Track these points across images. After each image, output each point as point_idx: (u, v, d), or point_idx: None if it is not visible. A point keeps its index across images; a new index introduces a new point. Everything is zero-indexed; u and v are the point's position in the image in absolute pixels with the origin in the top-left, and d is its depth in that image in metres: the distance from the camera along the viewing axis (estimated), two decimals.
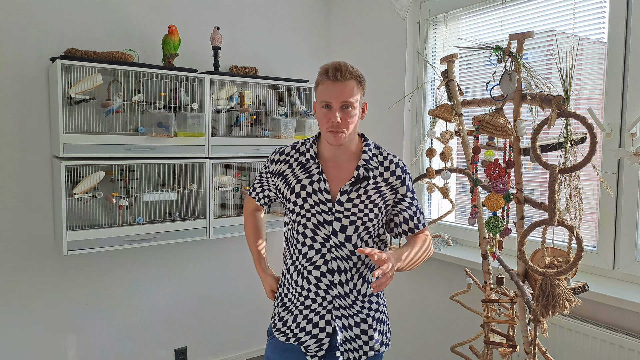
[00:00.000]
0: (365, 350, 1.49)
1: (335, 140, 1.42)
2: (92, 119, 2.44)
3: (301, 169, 1.50)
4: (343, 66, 1.40)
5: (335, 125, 1.40)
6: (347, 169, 1.48)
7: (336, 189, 1.46)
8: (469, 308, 1.93)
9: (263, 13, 3.06)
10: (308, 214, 1.45)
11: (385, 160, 1.50)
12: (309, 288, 1.45)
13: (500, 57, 1.51)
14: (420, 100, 2.75)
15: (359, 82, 1.43)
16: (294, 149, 1.56)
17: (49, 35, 2.39)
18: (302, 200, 1.45)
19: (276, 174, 1.55)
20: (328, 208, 1.43)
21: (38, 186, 2.42)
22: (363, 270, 1.47)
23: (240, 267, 3.10)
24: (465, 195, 2.61)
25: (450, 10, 2.54)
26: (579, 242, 1.28)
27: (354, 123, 1.43)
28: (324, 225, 1.44)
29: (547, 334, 1.50)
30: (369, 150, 1.49)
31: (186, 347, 2.92)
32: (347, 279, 1.44)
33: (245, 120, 2.87)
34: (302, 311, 1.48)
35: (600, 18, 1.91)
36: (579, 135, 1.54)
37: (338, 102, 1.39)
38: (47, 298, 2.48)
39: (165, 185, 2.68)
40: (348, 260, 1.44)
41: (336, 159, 1.49)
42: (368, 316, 1.49)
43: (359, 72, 1.44)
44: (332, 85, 1.39)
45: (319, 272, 1.44)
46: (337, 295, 1.44)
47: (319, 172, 1.47)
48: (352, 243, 1.44)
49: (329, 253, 1.43)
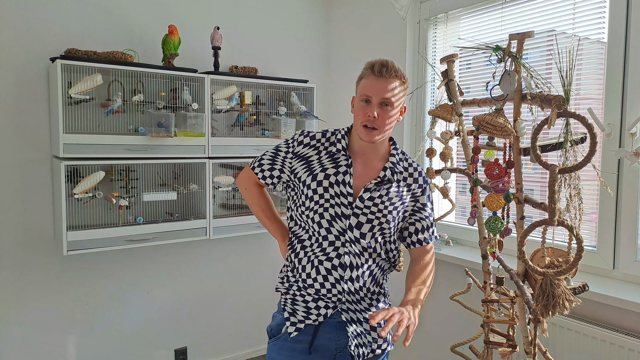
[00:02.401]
0: (374, 348, 1.47)
1: (367, 136, 1.39)
2: (92, 119, 2.44)
3: (329, 158, 1.46)
4: (390, 64, 1.38)
5: (370, 120, 1.38)
6: (374, 168, 1.46)
7: (359, 185, 1.43)
8: (469, 308, 1.93)
9: (263, 13, 3.06)
10: (327, 204, 1.41)
11: (410, 167, 1.50)
12: (315, 278, 1.41)
13: (500, 57, 1.51)
14: (420, 100, 2.75)
15: (403, 83, 1.41)
16: (324, 136, 1.51)
17: (49, 35, 2.39)
18: (323, 189, 1.41)
19: (300, 156, 1.48)
20: (348, 202, 1.40)
21: (38, 186, 2.42)
22: (374, 268, 1.44)
23: (240, 267, 3.10)
24: (465, 195, 2.61)
25: (450, 10, 2.54)
26: (579, 242, 1.28)
27: (390, 123, 1.41)
28: (340, 219, 1.40)
29: (547, 334, 1.50)
30: (397, 154, 1.49)
31: (186, 347, 2.92)
32: (357, 276, 1.40)
33: (245, 120, 2.87)
34: (305, 300, 1.45)
35: (600, 18, 1.91)
36: (579, 135, 1.54)
37: (378, 98, 1.37)
38: (47, 298, 2.48)
39: (165, 185, 2.68)
40: (360, 256, 1.41)
41: (364, 155, 1.47)
42: None
43: (404, 73, 1.42)
44: (375, 81, 1.37)
45: (330, 265, 1.40)
46: (347, 290, 1.40)
47: (347, 164, 1.44)
48: (365, 241, 1.41)
49: (343, 247, 1.40)
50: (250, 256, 3.13)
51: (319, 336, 1.43)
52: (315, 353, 1.43)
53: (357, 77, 1.46)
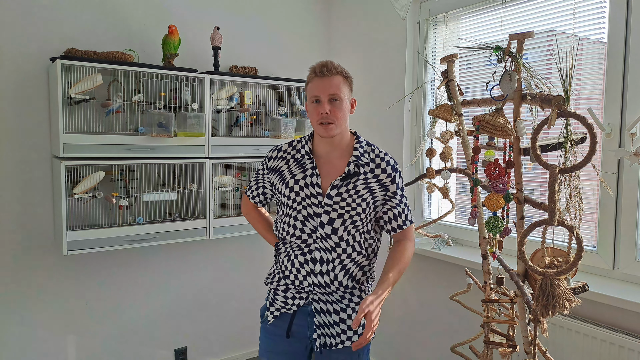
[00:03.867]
0: (343, 339, 1.54)
1: (325, 131, 1.49)
2: (92, 119, 2.44)
3: (296, 164, 1.58)
4: (329, 63, 1.50)
5: (324, 117, 1.48)
6: (339, 164, 1.55)
7: (327, 184, 1.53)
8: (469, 308, 1.93)
9: (263, 13, 3.06)
10: (299, 206, 1.52)
11: (377, 157, 1.57)
12: (290, 270, 1.54)
13: (500, 57, 1.51)
14: (420, 100, 2.75)
15: (345, 78, 1.52)
16: (290, 146, 1.63)
17: (49, 35, 2.39)
18: (295, 194, 1.53)
19: (273, 170, 1.63)
20: (318, 201, 1.51)
21: (38, 186, 2.42)
22: (347, 262, 1.52)
23: (240, 267, 3.10)
24: (465, 195, 2.61)
25: (450, 10, 2.54)
26: (579, 242, 1.28)
27: (343, 115, 1.51)
28: (313, 218, 1.51)
29: (547, 334, 1.50)
30: (360, 147, 1.56)
31: (186, 347, 2.92)
32: (327, 270, 1.50)
33: (245, 120, 2.87)
34: (283, 290, 1.59)
35: (600, 18, 1.91)
36: (579, 135, 1.54)
37: (326, 95, 1.48)
38: (47, 298, 2.48)
39: (165, 185, 2.68)
40: (332, 251, 1.50)
41: (329, 155, 1.56)
42: (348, 307, 1.54)
43: (345, 69, 1.53)
44: (320, 81, 1.48)
45: (303, 259, 1.52)
46: (316, 283, 1.51)
47: (312, 167, 1.54)
48: (338, 235, 1.50)
49: (314, 243, 1.51)
50: (250, 256, 3.13)
51: (295, 323, 1.57)
52: (292, 337, 1.58)
53: (306, 81, 1.56)
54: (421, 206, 2.80)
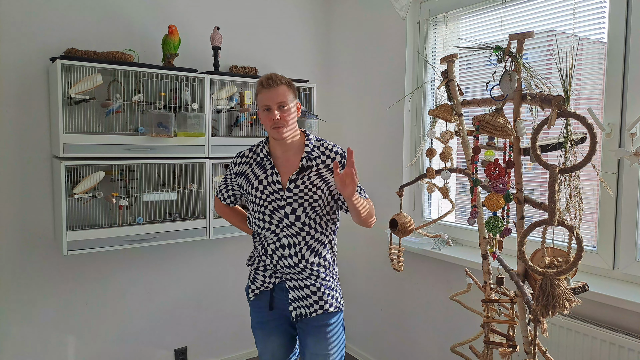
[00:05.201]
0: (316, 309, 1.78)
1: (278, 134, 1.70)
2: (92, 119, 2.44)
3: (258, 166, 1.80)
4: (273, 75, 1.70)
5: (276, 122, 1.68)
6: (294, 161, 1.77)
7: (286, 179, 1.75)
8: (469, 308, 1.93)
9: (263, 13, 3.06)
10: (265, 202, 1.75)
11: (326, 150, 1.79)
12: (266, 257, 1.80)
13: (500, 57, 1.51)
14: (420, 100, 2.75)
15: (289, 86, 1.72)
16: (251, 151, 1.86)
17: (49, 35, 2.39)
18: (260, 192, 1.76)
19: (239, 174, 1.85)
20: (280, 196, 1.73)
21: (38, 186, 2.42)
22: (311, 242, 1.75)
23: (240, 267, 3.10)
24: (465, 195, 2.61)
25: (450, 10, 2.54)
26: (579, 242, 1.28)
27: (291, 119, 1.72)
28: (278, 210, 1.74)
29: (547, 334, 1.50)
30: (309, 144, 1.78)
31: (186, 347, 2.92)
32: (295, 252, 1.74)
33: (245, 120, 2.87)
34: (262, 271, 1.84)
35: (600, 18, 1.91)
36: (579, 135, 1.54)
37: (274, 104, 1.68)
38: (47, 298, 2.48)
39: (165, 185, 2.68)
40: (297, 236, 1.74)
41: (285, 154, 1.77)
42: (316, 282, 1.78)
43: (288, 79, 1.74)
44: (267, 92, 1.68)
45: (274, 246, 1.77)
46: (287, 265, 1.75)
47: (271, 167, 1.76)
48: (301, 222, 1.73)
49: (282, 232, 1.75)
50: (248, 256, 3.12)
51: (275, 297, 1.83)
52: (275, 309, 1.83)
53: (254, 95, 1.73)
54: (421, 206, 2.80)
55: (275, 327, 1.86)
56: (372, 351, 3.07)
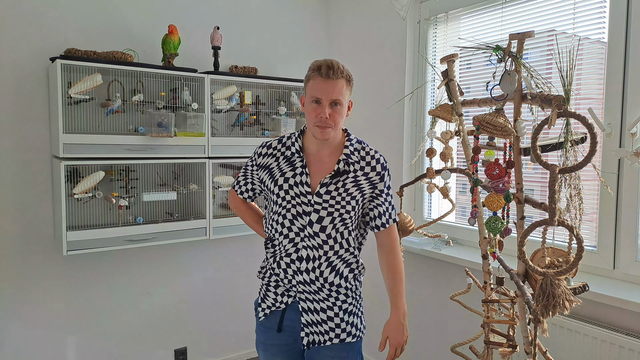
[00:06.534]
0: (331, 337, 1.56)
1: (322, 135, 1.48)
2: (92, 119, 2.44)
3: (286, 162, 1.57)
4: (335, 65, 1.46)
5: (323, 120, 1.46)
6: (329, 162, 1.55)
7: (317, 182, 1.52)
8: (469, 308, 1.93)
9: (263, 13, 3.06)
10: (289, 205, 1.52)
11: (367, 155, 1.57)
12: (279, 271, 1.56)
13: (501, 57, 1.51)
14: (420, 100, 2.75)
15: (348, 81, 1.50)
16: (280, 142, 1.61)
17: (49, 35, 2.39)
18: (284, 192, 1.53)
19: (262, 167, 1.61)
20: (307, 200, 1.51)
21: (38, 186, 2.42)
22: (334, 260, 1.52)
23: (240, 267, 3.10)
24: (465, 195, 2.61)
25: (450, 10, 2.54)
26: (579, 242, 1.28)
27: (341, 119, 1.50)
28: (302, 216, 1.51)
29: (548, 334, 1.50)
30: (350, 145, 1.56)
31: (186, 347, 2.92)
32: (314, 267, 1.51)
33: (245, 120, 2.87)
34: (274, 287, 1.61)
35: (600, 18, 1.91)
36: (579, 135, 1.54)
37: (328, 99, 1.46)
38: (47, 298, 2.48)
39: (165, 185, 2.68)
40: (318, 249, 1.51)
41: (319, 153, 1.56)
42: (335, 305, 1.56)
43: (349, 72, 1.51)
44: (323, 82, 1.45)
45: (289, 259, 1.53)
46: (302, 281, 1.52)
47: (302, 165, 1.54)
48: (326, 233, 1.51)
49: (301, 242, 1.51)
50: (250, 256, 3.12)
51: (286, 317, 1.59)
52: (284, 331, 1.60)
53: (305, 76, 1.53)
54: (421, 206, 2.80)
55: (280, 351, 1.62)
56: (371, 351, 3.07)
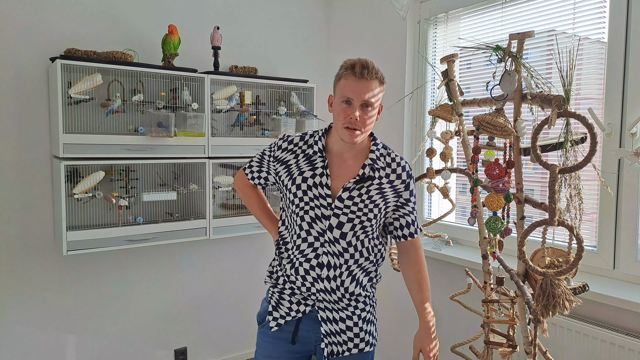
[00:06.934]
0: (350, 347, 1.50)
1: (350, 138, 1.39)
2: (92, 119, 2.44)
3: (306, 161, 1.48)
4: (370, 64, 1.39)
5: (352, 122, 1.38)
6: (353, 166, 1.46)
7: (338, 185, 1.44)
8: (469, 308, 1.93)
9: (263, 13, 3.06)
10: (307, 207, 1.43)
11: (392, 162, 1.49)
12: (296, 277, 1.46)
13: (501, 57, 1.51)
14: (420, 100, 2.75)
15: (382, 84, 1.43)
16: (302, 140, 1.52)
17: (49, 35, 2.39)
18: (302, 192, 1.44)
19: (280, 161, 1.52)
20: (327, 203, 1.42)
21: (38, 186, 2.42)
22: (354, 269, 1.46)
23: (240, 267, 3.10)
24: (465, 195, 2.61)
25: (450, 10, 2.54)
26: (579, 242, 1.28)
27: (371, 123, 1.42)
28: (321, 220, 1.43)
29: (547, 334, 1.50)
30: (376, 150, 1.48)
31: (186, 347, 2.92)
32: (335, 275, 1.43)
33: (245, 120, 2.87)
34: (289, 295, 1.51)
35: (600, 18, 1.91)
36: (579, 135, 1.54)
37: (360, 100, 1.38)
38: (47, 298, 2.48)
39: (165, 185, 2.68)
40: (339, 257, 1.43)
41: (343, 155, 1.47)
42: (354, 314, 1.49)
43: (383, 74, 1.44)
44: (356, 82, 1.37)
45: (309, 265, 1.44)
46: (322, 289, 1.44)
47: (323, 166, 1.45)
48: (346, 240, 1.43)
49: (322, 247, 1.43)
50: (250, 256, 3.12)
51: (301, 327, 1.50)
52: (297, 343, 1.50)
53: (335, 75, 1.46)
54: (421, 206, 2.80)
55: None
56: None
